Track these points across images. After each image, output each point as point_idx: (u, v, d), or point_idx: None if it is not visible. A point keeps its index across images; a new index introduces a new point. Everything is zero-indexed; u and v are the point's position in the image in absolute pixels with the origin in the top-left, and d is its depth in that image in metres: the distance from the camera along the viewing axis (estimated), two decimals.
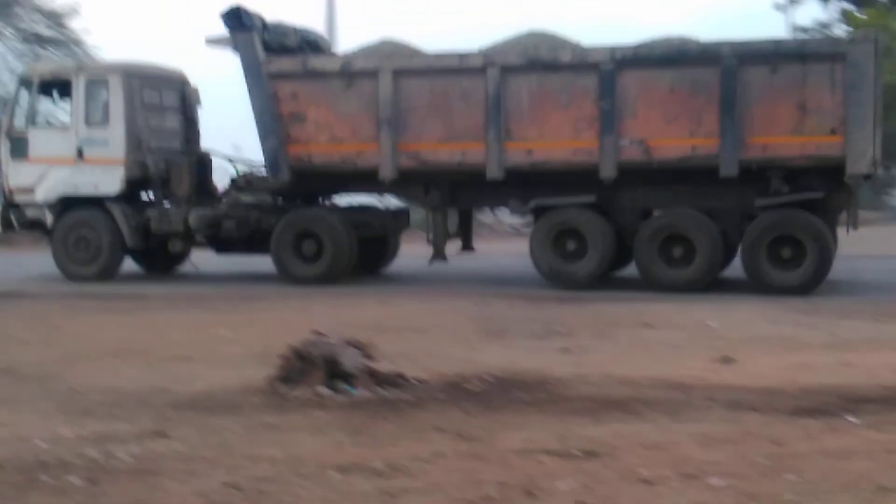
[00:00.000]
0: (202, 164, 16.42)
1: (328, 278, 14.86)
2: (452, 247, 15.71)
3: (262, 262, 15.71)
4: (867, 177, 13.97)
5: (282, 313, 11.76)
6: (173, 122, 16.53)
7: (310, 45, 16.07)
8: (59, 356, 8.73)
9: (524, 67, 14.02)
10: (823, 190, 13.61)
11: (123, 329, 10.64)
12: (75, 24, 33.32)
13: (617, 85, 13.67)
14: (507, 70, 13.97)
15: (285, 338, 7.40)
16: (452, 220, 15.09)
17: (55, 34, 33.32)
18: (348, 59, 15.01)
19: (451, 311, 11.60)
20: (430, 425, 5.84)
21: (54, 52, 32.89)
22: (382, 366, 7.05)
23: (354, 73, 14.48)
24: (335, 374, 6.76)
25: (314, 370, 6.77)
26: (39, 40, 33.09)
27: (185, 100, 16.79)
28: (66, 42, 33.14)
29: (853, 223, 14.20)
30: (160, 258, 16.78)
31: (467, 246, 16.06)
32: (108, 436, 5.50)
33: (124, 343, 9.53)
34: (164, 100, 16.49)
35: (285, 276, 15.25)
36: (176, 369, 7.91)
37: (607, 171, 13.75)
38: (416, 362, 7.80)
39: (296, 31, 15.94)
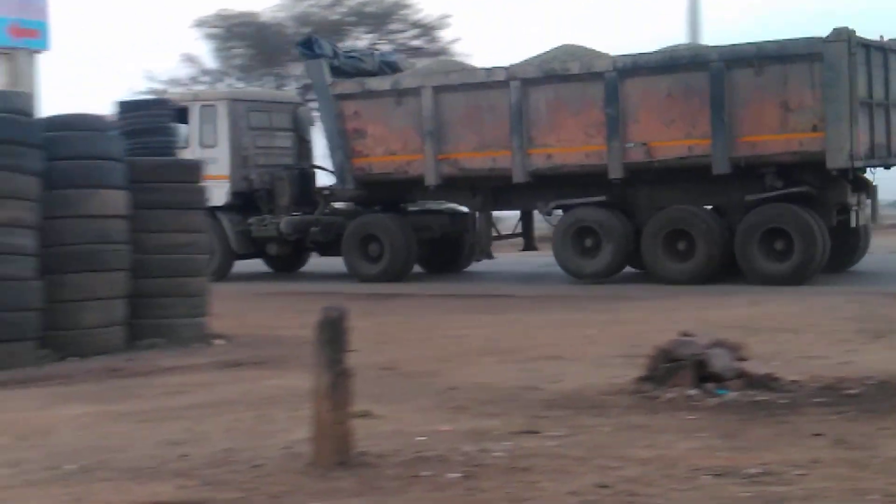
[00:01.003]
0: (305, 178, 18.57)
1: (388, 276, 16.63)
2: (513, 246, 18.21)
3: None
4: (857, 171, 14.62)
5: (648, 313, 11.68)
6: (284, 141, 18.80)
7: (389, 66, 17.90)
8: (435, 354, 9.13)
9: (541, 80, 15.51)
10: (812, 185, 14.47)
11: (492, 329, 10.97)
12: (445, 34, 34.76)
13: (620, 92, 14.88)
14: (526, 83, 15.43)
15: (652, 338, 7.34)
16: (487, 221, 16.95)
17: (426, 45, 34.92)
18: (397, 79, 16.84)
19: (827, 311, 11.05)
20: (806, 430, 5.58)
21: (426, 63, 34.53)
22: (754, 367, 6.82)
23: (402, 91, 16.40)
24: (704, 375, 6.60)
25: (682, 371, 6.65)
26: (411, 52, 34.85)
27: (296, 121, 18.99)
28: (436, 52, 34.66)
29: (873, 217, 15.56)
30: (291, 261, 19.32)
31: (529, 246, 18.15)
32: (482, 432, 5.67)
33: (494, 342, 9.83)
34: (274, 122, 18.79)
35: (353, 274, 17.10)
36: (545, 368, 8.05)
37: (615, 172, 14.98)
38: (789, 364, 7.48)
39: (373, 55, 18.38)
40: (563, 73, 15.46)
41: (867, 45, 14.65)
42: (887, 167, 15.61)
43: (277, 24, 34.62)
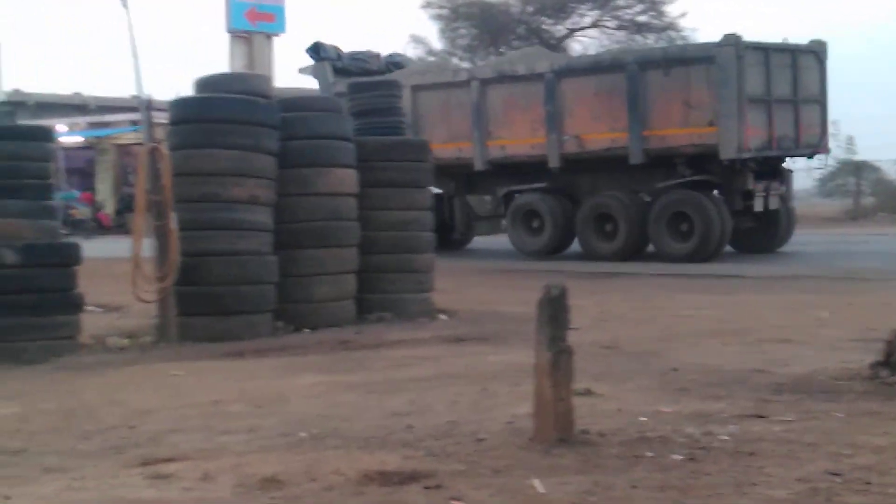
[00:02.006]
0: None
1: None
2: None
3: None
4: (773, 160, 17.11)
5: (884, 296, 11.15)
6: None
7: (396, 66, 20.24)
8: (658, 334, 9.01)
9: (495, 80, 17.97)
10: (716, 173, 16.72)
11: (719, 309, 10.73)
12: (672, 9, 34.08)
13: (557, 91, 17.03)
14: (484, 82, 17.82)
15: (889, 322, 6.99)
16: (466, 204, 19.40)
17: (652, 20, 34.33)
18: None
19: None
20: None
21: (649, 38, 33.94)
22: None
23: None
24: None
25: None
26: (637, 27, 34.32)
27: None
28: (663, 28, 34.03)
29: (787, 201, 17.72)
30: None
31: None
32: (706, 414, 5.56)
33: (721, 323, 9.61)
34: None
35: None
36: (773, 351, 7.81)
37: (553, 162, 17.41)
38: None
39: (379, 56, 20.60)
40: (512, 74, 18.05)
41: (764, 48, 16.77)
42: (793, 156, 18.16)
43: (503, 4, 34.86)
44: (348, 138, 10.90)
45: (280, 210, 10.29)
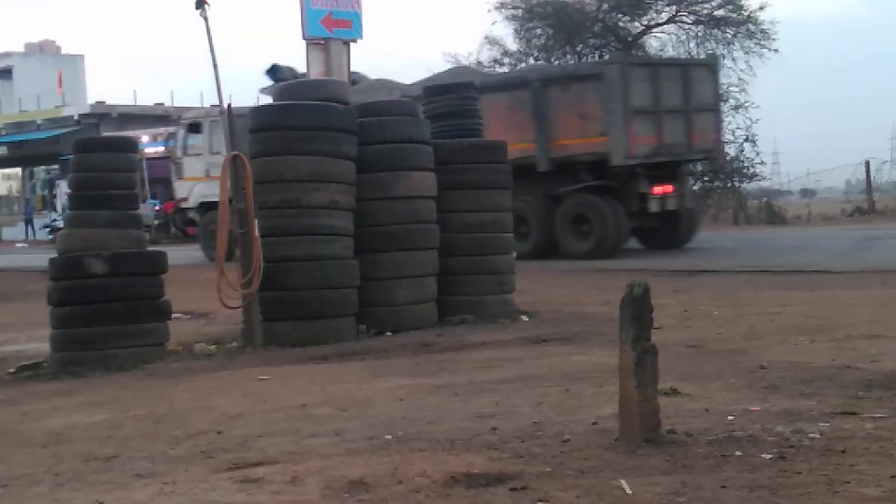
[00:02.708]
0: None
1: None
2: None
3: None
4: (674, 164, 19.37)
5: None
6: None
7: (351, 83, 20.48)
8: (745, 332, 8.89)
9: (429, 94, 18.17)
10: (612, 178, 18.59)
11: (807, 305, 10.55)
12: (751, 2, 33.55)
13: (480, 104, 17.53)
14: (416, 98, 16.73)
15: None
16: None
17: (729, 14, 33.82)
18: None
19: None
20: None
21: (728, 32, 33.47)
22: None
23: None
24: None
25: None
26: (715, 22, 33.87)
27: None
28: (741, 22, 33.53)
29: (683, 203, 19.57)
30: None
31: None
32: (796, 412, 5.47)
33: (808, 319, 9.44)
34: None
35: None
36: (863, 347, 7.65)
37: None
38: None
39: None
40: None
41: (653, 64, 19.82)
42: (687, 161, 20.49)
43: (578, 2, 34.63)
44: (426, 141, 10.95)
45: (360, 214, 10.37)
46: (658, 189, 19.04)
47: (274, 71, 21.90)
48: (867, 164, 35.10)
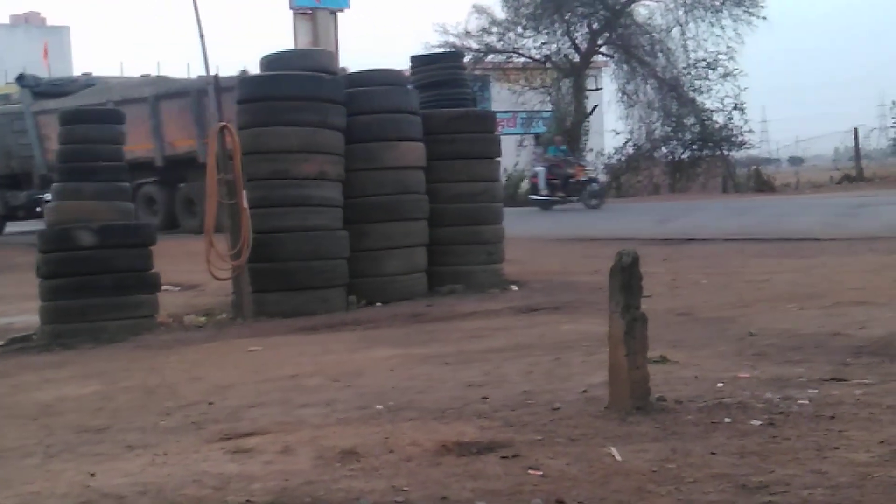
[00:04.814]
0: None
1: None
2: None
3: None
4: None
5: None
6: None
7: (89, 86, 24.74)
8: (734, 300, 8.92)
9: (128, 101, 20.83)
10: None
11: (795, 273, 10.59)
12: None
13: (157, 110, 21.85)
14: (121, 102, 20.32)
15: None
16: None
17: None
18: (60, 101, 22.05)
19: None
20: None
21: (717, 0, 33.35)
22: None
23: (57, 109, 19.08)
24: None
25: None
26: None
27: None
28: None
29: None
30: None
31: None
32: (785, 379, 5.49)
33: (797, 287, 9.48)
34: None
35: None
36: (852, 314, 7.68)
37: (158, 162, 22.10)
38: None
39: (77, 80, 26.26)
40: (137, 97, 22.15)
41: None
42: None
43: None
44: (414, 111, 10.91)
45: (349, 185, 10.35)
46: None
47: (21, 78, 24.84)
48: (855, 131, 35.17)
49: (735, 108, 33.16)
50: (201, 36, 10.23)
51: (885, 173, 33.04)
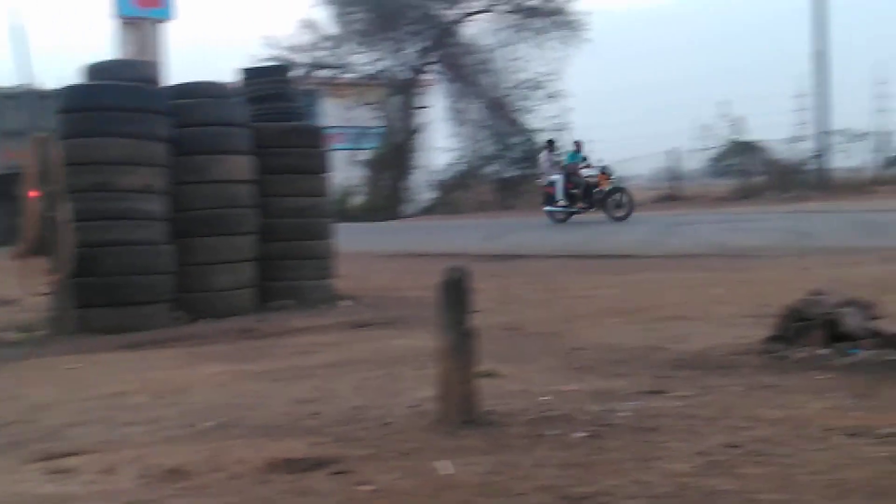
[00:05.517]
0: None
1: None
2: None
3: None
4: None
5: (776, 272, 11.45)
6: None
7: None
8: (560, 315, 9.12)
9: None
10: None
11: (618, 289, 10.90)
12: None
13: None
14: None
15: (780, 297, 7.19)
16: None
17: (542, 4, 34.56)
18: None
19: None
20: None
21: (541, 22, 34.17)
22: (887, 326, 6.63)
23: None
24: (836, 334, 6.45)
25: (813, 331, 6.50)
26: (528, 12, 34.54)
27: None
28: (552, 11, 34.28)
29: None
30: None
31: None
32: (608, 392, 5.64)
33: (620, 302, 9.76)
34: None
35: None
36: (672, 328, 7.96)
37: None
38: None
39: None
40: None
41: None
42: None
43: None
44: (244, 124, 10.78)
45: (176, 198, 10.14)
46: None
47: None
48: (672, 152, 36.54)
49: (559, 128, 34.02)
50: (21, 41, 9.85)
51: (702, 192, 34.42)
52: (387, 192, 35.03)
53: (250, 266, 10.61)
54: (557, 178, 23.90)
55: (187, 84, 10.95)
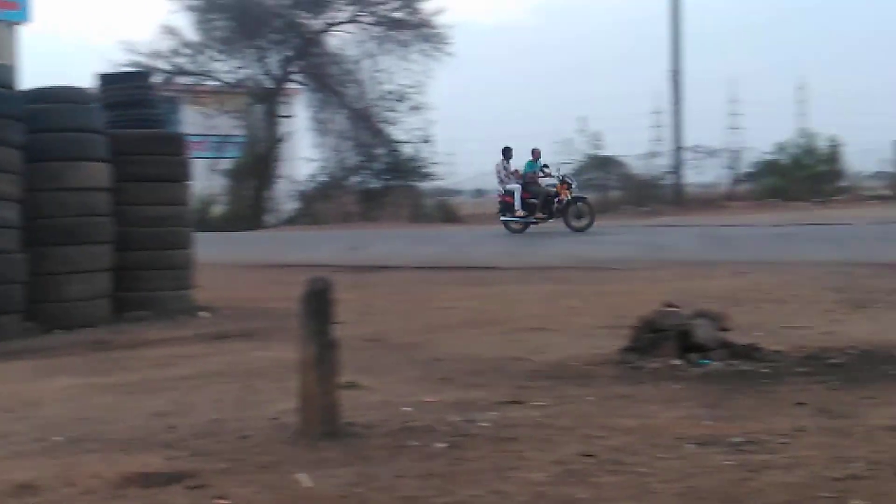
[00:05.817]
0: None
1: None
2: None
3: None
4: None
5: (631, 285, 11.74)
6: None
7: None
8: (421, 326, 9.17)
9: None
10: None
11: (478, 300, 11.02)
12: (427, 6, 34.57)
13: None
14: None
15: (635, 309, 7.38)
16: None
17: (407, 17, 34.75)
18: None
19: (810, 282, 11.12)
20: (789, 399, 5.63)
21: (405, 35, 34.36)
22: (737, 337, 6.88)
23: None
24: (688, 345, 6.66)
25: (666, 342, 6.70)
26: (393, 24, 34.67)
27: None
28: (416, 24, 34.50)
29: None
30: None
31: None
32: (468, 402, 5.70)
33: (480, 314, 9.87)
34: None
35: None
36: (529, 339, 8.09)
37: None
38: (772, 334, 7.55)
39: None
40: None
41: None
42: None
43: None
44: (100, 131, 10.53)
45: (29, 206, 9.83)
46: None
47: None
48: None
49: (423, 140, 34.22)
50: None
51: None
52: (249, 202, 34.66)
53: (106, 276, 10.35)
54: (516, 187, 22.92)
55: (43, 89, 10.62)
